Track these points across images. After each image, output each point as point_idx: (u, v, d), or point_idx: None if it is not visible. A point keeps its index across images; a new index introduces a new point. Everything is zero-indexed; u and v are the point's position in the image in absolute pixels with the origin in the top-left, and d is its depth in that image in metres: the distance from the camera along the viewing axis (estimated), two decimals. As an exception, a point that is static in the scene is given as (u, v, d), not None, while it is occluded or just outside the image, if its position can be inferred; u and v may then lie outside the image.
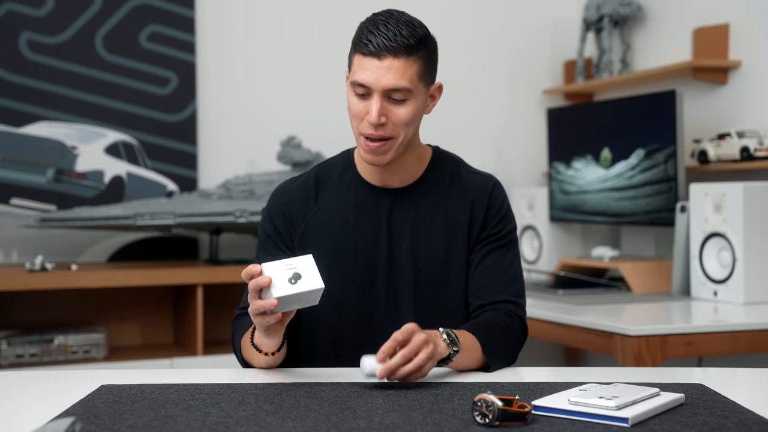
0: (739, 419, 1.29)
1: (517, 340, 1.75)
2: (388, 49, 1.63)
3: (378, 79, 1.63)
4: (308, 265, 1.52)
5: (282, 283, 1.49)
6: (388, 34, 1.63)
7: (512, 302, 1.77)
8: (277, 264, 1.51)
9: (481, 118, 4.00)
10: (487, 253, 1.77)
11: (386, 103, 1.65)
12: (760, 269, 2.75)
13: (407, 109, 1.67)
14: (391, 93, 1.65)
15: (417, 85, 1.67)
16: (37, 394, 1.54)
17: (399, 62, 1.63)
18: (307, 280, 1.51)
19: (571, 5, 4.03)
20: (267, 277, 1.49)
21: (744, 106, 3.19)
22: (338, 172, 1.82)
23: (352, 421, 1.28)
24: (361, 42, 1.65)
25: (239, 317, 1.79)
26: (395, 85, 1.64)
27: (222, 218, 3.25)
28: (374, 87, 1.64)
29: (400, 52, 1.63)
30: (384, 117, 1.65)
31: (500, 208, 1.80)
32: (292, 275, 1.50)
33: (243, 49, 3.67)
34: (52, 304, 3.33)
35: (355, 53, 1.68)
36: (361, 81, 1.65)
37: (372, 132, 1.66)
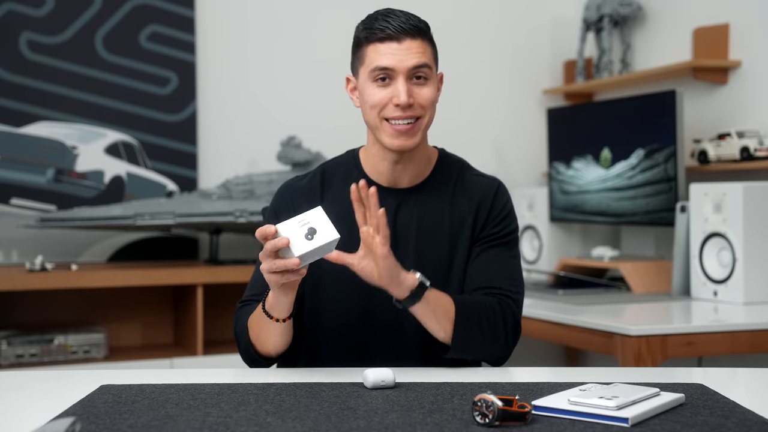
0: (739, 419, 1.29)
1: (503, 331, 1.69)
2: (405, 31, 1.68)
3: (402, 60, 1.67)
4: (320, 218, 1.53)
5: (300, 241, 1.51)
6: (401, 18, 1.69)
7: (506, 295, 1.73)
8: (290, 222, 1.52)
9: (481, 118, 4.00)
10: (485, 250, 1.77)
11: (410, 84, 1.69)
12: (760, 269, 2.75)
13: (429, 89, 1.71)
14: (415, 72, 1.69)
15: (433, 66, 1.73)
16: (37, 394, 1.55)
17: (417, 42, 1.69)
18: (323, 232, 1.52)
19: (571, 5, 4.03)
20: (285, 237, 1.50)
21: (744, 106, 3.19)
22: (344, 171, 1.82)
23: (352, 421, 1.28)
24: (374, 32, 1.68)
25: (242, 307, 1.78)
26: (419, 62, 1.68)
27: (222, 218, 3.25)
28: (399, 68, 1.68)
29: (416, 34, 1.69)
30: (411, 98, 1.68)
31: (503, 209, 1.80)
32: (307, 231, 1.51)
33: (243, 49, 3.67)
34: (52, 304, 3.33)
35: (367, 45, 1.70)
36: (385, 65, 1.68)
37: (400, 113, 1.69)
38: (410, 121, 1.70)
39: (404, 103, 1.67)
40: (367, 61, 1.70)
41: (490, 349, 1.70)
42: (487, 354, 1.71)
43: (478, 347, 1.68)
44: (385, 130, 1.71)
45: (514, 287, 1.76)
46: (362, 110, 1.75)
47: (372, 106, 1.71)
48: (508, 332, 1.71)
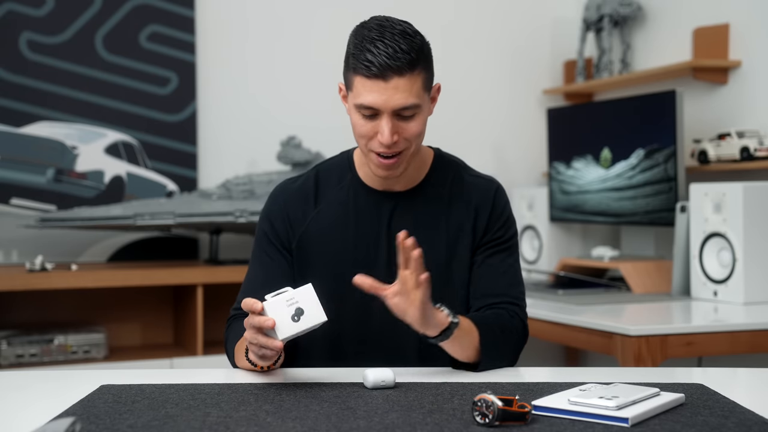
0: (739, 419, 1.29)
1: (516, 342, 1.74)
2: (392, 68, 1.59)
3: (386, 101, 1.61)
4: (309, 297, 1.49)
5: (285, 323, 1.47)
6: (387, 51, 1.59)
7: (514, 304, 1.76)
8: (278, 300, 1.48)
9: (481, 118, 4.00)
10: (489, 256, 1.77)
11: (395, 120, 1.63)
12: (760, 269, 2.75)
13: (417, 123, 1.65)
14: (401, 111, 1.63)
15: (423, 97, 1.65)
16: (37, 394, 1.54)
17: (404, 80, 1.60)
18: (310, 315, 1.49)
19: (571, 5, 4.03)
20: (271, 319, 1.46)
21: (744, 106, 3.19)
22: (338, 173, 1.81)
23: (352, 421, 1.28)
24: (361, 64, 1.60)
25: (234, 318, 1.78)
26: (404, 104, 1.61)
27: (222, 218, 3.25)
28: (384, 109, 1.61)
29: (404, 70, 1.60)
30: (396, 135, 1.64)
31: (503, 213, 1.80)
32: (294, 312, 1.48)
33: (243, 49, 3.67)
34: (52, 304, 3.33)
35: (355, 75, 1.63)
36: (370, 104, 1.62)
37: (385, 150, 1.65)
38: (395, 154, 1.66)
39: (388, 143, 1.63)
40: (355, 91, 1.64)
41: (508, 360, 1.73)
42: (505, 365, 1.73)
43: (500, 363, 1.71)
44: (372, 160, 1.69)
45: (520, 293, 1.79)
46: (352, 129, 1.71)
47: (359, 135, 1.68)
48: (519, 343, 1.75)
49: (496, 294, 1.75)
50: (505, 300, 1.76)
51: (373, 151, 1.67)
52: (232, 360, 1.73)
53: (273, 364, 1.61)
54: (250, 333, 1.50)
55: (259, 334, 1.49)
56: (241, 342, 1.67)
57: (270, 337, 1.49)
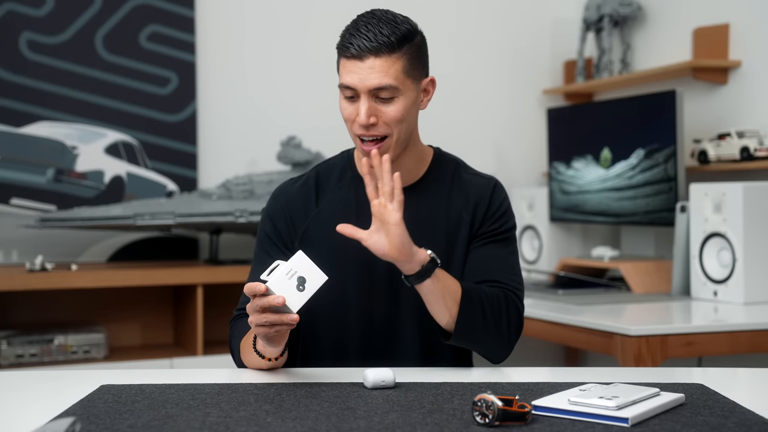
0: (739, 419, 1.29)
1: (506, 323, 1.68)
2: (369, 49, 1.64)
3: (362, 80, 1.65)
4: (305, 263, 1.51)
5: (293, 294, 1.48)
6: (368, 35, 1.64)
7: (511, 290, 1.72)
8: (278, 275, 1.49)
9: (482, 118, 4.00)
10: (483, 245, 1.76)
11: (374, 102, 1.66)
12: (760, 269, 2.75)
13: (396, 107, 1.67)
14: (377, 92, 1.65)
15: (404, 82, 1.67)
16: (37, 394, 1.55)
17: (380, 61, 1.64)
18: (311, 279, 1.50)
19: (571, 5, 4.03)
20: (281, 296, 1.47)
21: (744, 106, 3.19)
22: (338, 172, 1.82)
23: (352, 421, 1.28)
24: (344, 46, 1.67)
25: (238, 318, 1.78)
26: (379, 84, 1.64)
27: (222, 218, 3.25)
28: (360, 88, 1.65)
29: (381, 51, 1.64)
30: (374, 117, 1.66)
31: (500, 207, 1.79)
32: (297, 281, 1.49)
33: (243, 49, 3.67)
34: (52, 304, 3.33)
35: (340, 57, 1.69)
36: (347, 83, 1.66)
37: (364, 132, 1.67)
38: (375, 138, 1.68)
39: (364, 123, 1.66)
40: (340, 74, 1.70)
41: (492, 340, 1.68)
42: (488, 346, 1.69)
43: (481, 336, 1.67)
44: (358, 146, 1.71)
45: (516, 282, 1.75)
46: None
47: (344, 118, 1.71)
48: (511, 326, 1.70)
49: (491, 279, 1.72)
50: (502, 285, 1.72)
51: (356, 135, 1.70)
52: (238, 358, 1.73)
53: (280, 355, 1.62)
54: (257, 317, 1.50)
55: (268, 313, 1.49)
56: (247, 337, 1.67)
57: (282, 313, 1.49)
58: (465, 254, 1.77)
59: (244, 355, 1.69)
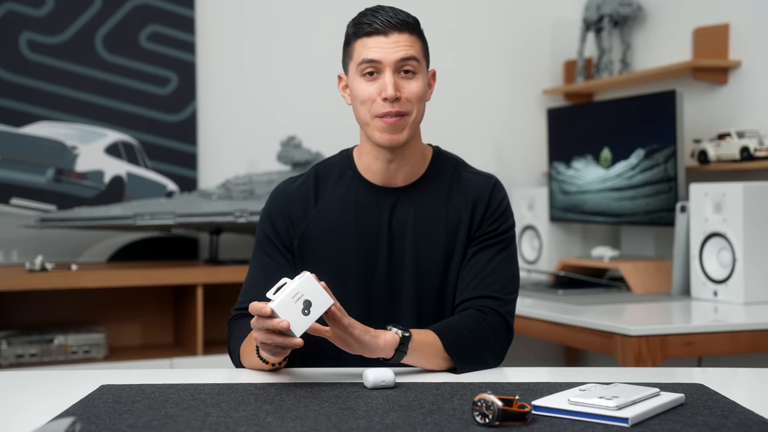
0: (739, 419, 1.29)
1: (494, 338, 1.70)
2: (393, 25, 1.68)
3: (388, 53, 1.68)
4: (312, 286, 1.49)
5: (298, 318, 1.47)
6: (388, 13, 1.69)
7: (493, 297, 1.72)
8: (283, 298, 1.47)
9: (482, 118, 4.00)
10: (479, 251, 1.76)
11: (397, 78, 1.69)
12: (760, 269, 2.75)
13: (418, 83, 1.71)
14: (402, 65, 1.69)
15: (422, 61, 1.73)
16: (37, 394, 1.55)
17: (404, 36, 1.69)
18: (317, 303, 1.49)
19: (571, 5, 4.03)
20: (285, 321, 1.46)
21: (744, 106, 3.19)
22: (337, 171, 1.82)
23: (352, 421, 1.28)
24: (362, 26, 1.69)
25: (236, 319, 1.78)
26: (406, 54, 1.68)
27: (222, 218, 3.25)
28: (385, 61, 1.68)
29: (404, 28, 1.69)
30: (398, 92, 1.68)
31: (499, 207, 1.79)
32: (303, 305, 1.48)
33: (243, 49, 3.67)
34: (52, 304, 3.33)
35: (355, 40, 1.71)
36: (372, 57, 1.68)
37: (389, 109, 1.69)
38: (398, 114, 1.69)
39: (391, 96, 1.67)
40: (355, 55, 1.71)
41: (488, 359, 1.70)
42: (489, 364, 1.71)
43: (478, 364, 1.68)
44: (376, 126, 1.71)
45: (507, 289, 1.75)
46: (353, 107, 1.75)
47: (362, 101, 1.71)
48: (499, 337, 1.72)
49: (474, 290, 1.73)
50: (483, 294, 1.72)
51: (376, 116, 1.70)
52: (237, 360, 1.73)
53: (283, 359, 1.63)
54: (262, 335, 1.50)
55: (273, 335, 1.48)
56: (248, 341, 1.67)
57: (286, 335, 1.48)
58: (464, 254, 1.77)
59: (245, 358, 1.69)
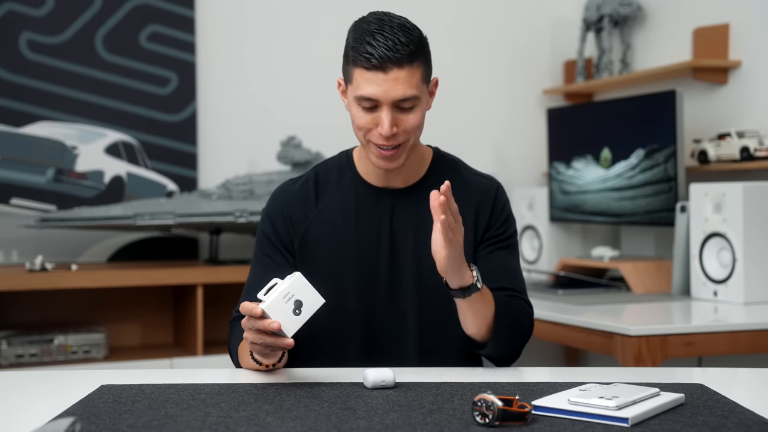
0: (739, 419, 1.29)
1: (526, 332, 1.74)
2: (392, 60, 1.61)
3: (386, 93, 1.63)
4: (302, 286, 1.50)
5: (288, 319, 1.48)
6: (387, 44, 1.61)
7: (520, 295, 1.76)
8: (274, 299, 1.48)
9: (481, 118, 4.00)
10: (491, 253, 1.78)
11: (395, 112, 1.65)
12: (760, 269, 2.75)
13: (416, 115, 1.67)
14: (400, 103, 1.65)
15: (422, 89, 1.67)
16: (37, 394, 1.54)
17: (404, 72, 1.63)
18: (308, 303, 1.50)
19: (571, 5, 4.03)
20: (276, 322, 1.46)
21: (744, 106, 3.19)
22: (337, 172, 1.82)
23: (352, 421, 1.28)
24: (361, 56, 1.63)
25: (237, 320, 1.77)
26: (404, 95, 1.64)
27: (222, 218, 3.25)
28: (383, 100, 1.63)
29: (403, 61, 1.62)
30: (395, 127, 1.65)
31: (503, 211, 1.81)
32: (293, 305, 1.48)
33: (243, 48, 3.67)
34: (52, 304, 3.33)
35: (354, 67, 1.65)
36: (369, 95, 1.63)
37: (384, 142, 1.66)
38: (395, 146, 1.68)
39: (387, 134, 1.64)
40: (354, 84, 1.66)
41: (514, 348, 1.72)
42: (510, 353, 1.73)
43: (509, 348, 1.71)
44: (371, 151, 1.70)
45: (524, 288, 1.80)
46: (351, 122, 1.73)
47: (358, 127, 1.69)
48: (528, 333, 1.75)
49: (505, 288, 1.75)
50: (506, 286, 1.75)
51: (372, 142, 1.69)
52: (236, 360, 1.73)
53: (278, 361, 1.62)
54: (253, 335, 1.50)
55: (264, 335, 1.49)
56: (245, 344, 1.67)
57: (277, 336, 1.49)
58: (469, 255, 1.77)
59: (242, 358, 1.69)
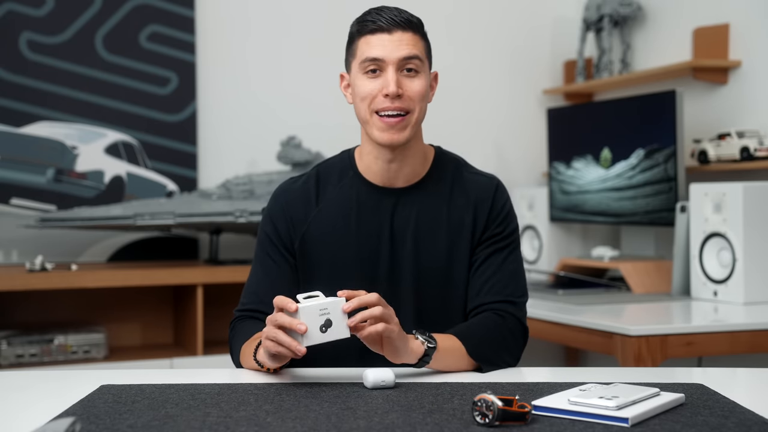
0: (739, 419, 1.29)
1: (513, 340, 1.73)
2: (397, 23, 1.69)
3: (392, 51, 1.68)
4: (340, 312, 1.50)
5: (314, 331, 1.48)
6: (392, 12, 1.70)
7: (509, 302, 1.75)
8: (312, 307, 1.48)
9: (481, 118, 4.00)
10: (489, 255, 1.77)
11: (400, 76, 1.69)
12: (760, 269, 2.75)
13: (420, 82, 1.71)
14: (405, 63, 1.69)
15: (425, 60, 1.73)
16: (37, 394, 1.55)
17: (408, 35, 1.70)
18: (336, 328, 1.49)
19: (571, 5, 4.03)
20: (304, 324, 1.46)
21: (744, 106, 3.19)
22: (338, 171, 1.82)
23: (352, 421, 1.28)
24: (366, 25, 1.70)
25: (239, 320, 1.78)
26: (409, 53, 1.69)
27: (222, 218, 3.25)
28: (388, 59, 1.68)
29: (407, 27, 1.70)
30: (400, 89, 1.68)
31: (503, 209, 1.80)
32: (324, 322, 1.48)
33: (243, 48, 3.67)
34: (52, 304, 3.33)
35: (359, 38, 1.71)
36: (375, 55, 1.68)
37: (389, 104, 1.68)
38: (399, 113, 1.69)
39: (393, 93, 1.67)
40: (359, 53, 1.71)
41: (509, 360, 1.73)
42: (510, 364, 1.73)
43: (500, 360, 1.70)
44: (375, 124, 1.71)
45: (519, 291, 1.78)
46: (354, 105, 1.75)
47: (362, 98, 1.71)
48: (517, 340, 1.75)
49: (490, 294, 1.75)
50: (499, 299, 1.75)
51: (377, 112, 1.70)
52: (237, 360, 1.73)
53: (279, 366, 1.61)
54: (271, 329, 1.49)
55: (281, 331, 1.48)
56: (249, 343, 1.66)
57: (293, 338, 1.48)
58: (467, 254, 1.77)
59: (244, 359, 1.69)
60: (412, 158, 1.77)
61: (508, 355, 1.72)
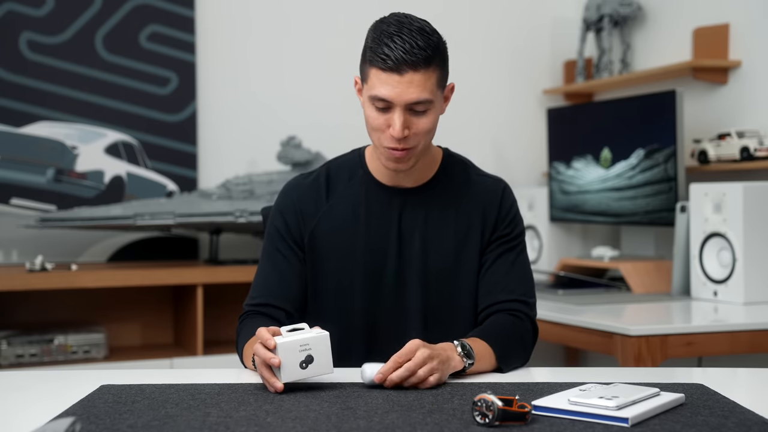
0: (739, 419, 1.29)
1: (529, 341, 1.76)
2: (408, 63, 1.61)
3: (400, 95, 1.63)
4: (322, 346, 1.48)
5: (292, 367, 1.46)
6: (404, 46, 1.61)
7: (522, 302, 1.77)
8: (291, 342, 1.47)
9: (481, 118, 4.00)
10: (499, 255, 1.79)
11: (408, 115, 1.65)
12: (760, 269, 2.75)
13: (428, 119, 1.67)
14: (413, 106, 1.65)
15: (436, 94, 1.67)
16: (37, 394, 1.55)
17: (419, 75, 1.63)
18: (318, 364, 1.48)
19: (571, 5, 4.03)
20: (276, 358, 1.45)
21: (744, 106, 3.19)
22: (349, 170, 1.82)
23: (352, 421, 1.28)
24: (378, 57, 1.63)
25: (247, 315, 1.78)
26: (418, 99, 1.63)
27: (222, 218, 3.25)
28: (396, 102, 1.63)
29: (419, 65, 1.62)
30: (407, 129, 1.65)
31: (510, 211, 1.81)
32: (304, 358, 1.47)
33: (243, 48, 3.67)
34: (52, 304, 3.33)
35: (371, 67, 1.65)
36: (383, 96, 1.63)
37: (395, 144, 1.66)
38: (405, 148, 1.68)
39: (398, 136, 1.64)
40: (369, 83, 1.66)
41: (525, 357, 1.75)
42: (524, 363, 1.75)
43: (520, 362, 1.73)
44: (382, 153, 1.70)
45: (528, 290, 1.80)
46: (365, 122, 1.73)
47: (372, 128, 1.69)
48: (531, 338, 1.77)
49: (503, 294, 1.76)
50: (512, 298, 1.76)
51: (384, 146, 1.69)
52: (241, 357, 1.73)
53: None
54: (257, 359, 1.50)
55: (264, 367, 1.49)
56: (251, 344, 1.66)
57: (273, 374, 1.48)
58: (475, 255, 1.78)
59: (245, 358, 1.69)
60: (420, 163, 1.77)
61: (525, 355, 1.75)
